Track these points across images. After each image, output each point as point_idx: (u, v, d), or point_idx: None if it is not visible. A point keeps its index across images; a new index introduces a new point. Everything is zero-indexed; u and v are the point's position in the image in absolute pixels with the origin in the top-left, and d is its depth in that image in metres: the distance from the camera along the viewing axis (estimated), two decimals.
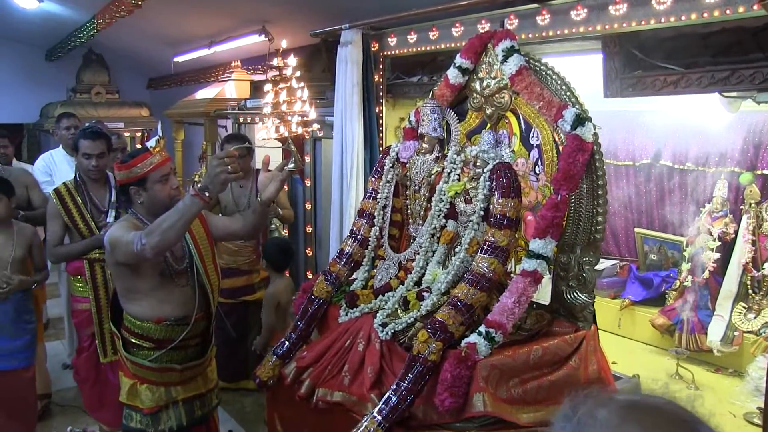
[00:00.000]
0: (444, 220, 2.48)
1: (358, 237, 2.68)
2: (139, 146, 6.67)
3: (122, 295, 2.45)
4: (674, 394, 0.87)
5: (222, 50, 6.08)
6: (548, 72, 2.39)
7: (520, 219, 2.32)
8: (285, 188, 4.51)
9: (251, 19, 5.13)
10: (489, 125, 2.59)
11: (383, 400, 2.07)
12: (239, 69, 6.55)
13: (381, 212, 2.68)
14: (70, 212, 3.20)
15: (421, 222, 2.57)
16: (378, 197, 2.68)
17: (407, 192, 2.65)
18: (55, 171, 4.20)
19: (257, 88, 5.40)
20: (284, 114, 3.83)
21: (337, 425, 2.22)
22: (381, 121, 4.01)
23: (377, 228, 2.68)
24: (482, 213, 2.33)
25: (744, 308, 3.70)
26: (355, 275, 2.70)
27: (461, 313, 2.12)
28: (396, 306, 2.39)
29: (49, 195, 3.30)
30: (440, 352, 2.06)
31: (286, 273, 3.97)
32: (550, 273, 2.32)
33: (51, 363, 4.26)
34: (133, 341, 2.45)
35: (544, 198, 2.37)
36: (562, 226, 2.24)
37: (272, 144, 4.35)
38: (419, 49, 3.67)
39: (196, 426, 2.59)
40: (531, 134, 2.46)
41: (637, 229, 4.45)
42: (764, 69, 2.32)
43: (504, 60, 2.44)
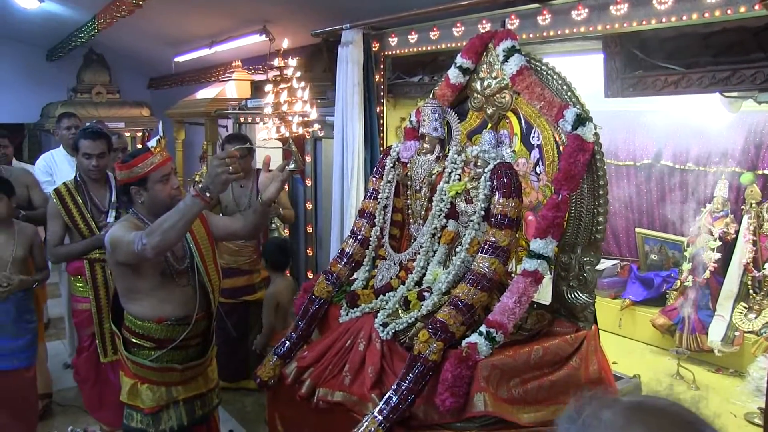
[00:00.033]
0: (445, 220, 2.48)
1: (359, 237, 2.68)
2: (140, 146, 6.66)
3: (123, 295, 2.45)
4: (678, 396, 0.87)
5: (223, 50, 6.08)
6: (549, 72, 2.39)
7: (521, 219, 2.32)
8: (286, 188, 4.51)
9: (252, 19, 5.13)
10: (490, 125, 2.59)
11: (384, 400, 2.06)
12: (240, 69, 6.55)
13: (382, 212, 2.68)
14: (71, 212, 3.20)
15: (422, 222, 2.56)
16: (379, 197, 2.68)
17: (408, 192, 2.64)
18: (56, 171, 4.21)
19: (258, 88, 5.40)
20: (285, 114, 3.83)
21: (338, 425, 2.22)
22: (382, 121, 4.01)
23: (378, 228, 2.67)
24: (483, 213, 2.33)
25: (745, 308, 3.70)
26: (356, 275, 2.70)
27: (462, 313, 2.12)
28: (397, 306, 2.39)
29: (50, 195, 3.31)
30: (441, 352, 2.06)
31: (287, 273, 3.97)
32: (551, 273, 2.32)
33: (52, 363, 4.26)
34: (134, 341, 2.45)
35: (545, 198, 2.37)
36: (563, 226, 2.24)
37: (273, 144, 4.35)
38: (420, 49, 3.67)
39: (197, 426, 2.59)
40: (532, 134, 2.46)
41: (638, 229, 4.45)
42: (765, 69, 2.32)
43: (505, 60, 2.44)
